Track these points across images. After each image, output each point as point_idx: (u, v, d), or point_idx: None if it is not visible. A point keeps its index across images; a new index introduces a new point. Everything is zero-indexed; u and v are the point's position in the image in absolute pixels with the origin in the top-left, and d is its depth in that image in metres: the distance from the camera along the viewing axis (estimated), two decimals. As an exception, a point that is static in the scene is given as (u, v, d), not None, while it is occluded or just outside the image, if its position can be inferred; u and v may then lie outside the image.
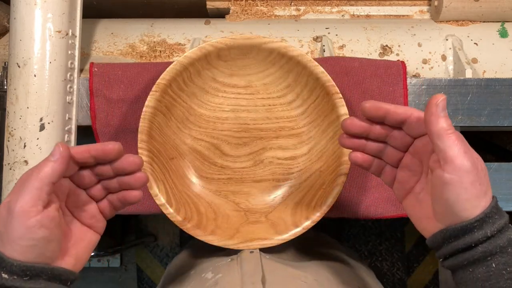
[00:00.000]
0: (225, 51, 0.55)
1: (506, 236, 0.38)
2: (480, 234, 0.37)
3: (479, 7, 0.67)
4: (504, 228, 0.38)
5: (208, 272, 0.55)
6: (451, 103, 0.60)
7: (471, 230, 0.37)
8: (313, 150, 0.59)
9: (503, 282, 0.37)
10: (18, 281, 0.37)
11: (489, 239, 0.37)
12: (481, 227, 0.37)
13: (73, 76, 0.58)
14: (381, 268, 1.26)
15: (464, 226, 0.38)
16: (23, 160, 0.54)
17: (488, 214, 0.38)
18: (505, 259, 0.37)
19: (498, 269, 0.37)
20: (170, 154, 0.58)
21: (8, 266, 0.37)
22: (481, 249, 0.37)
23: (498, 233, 0.38)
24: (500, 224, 0.38)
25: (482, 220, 0.37)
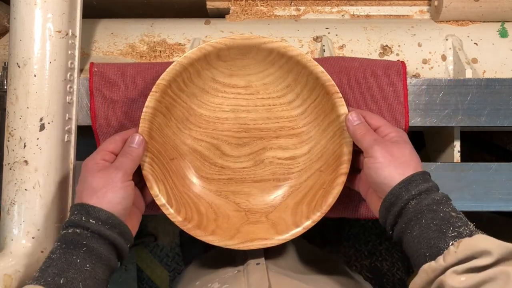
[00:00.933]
0: (225, 51, 0.55)
1: (431, 196, 0.46)
2: (406, 195, 0.46)
3: (479, 7, 0.67)
4: (429, 190, 0.46)
5: (215, 283, 0.56)
6: (451, 103, 0.60)
7: (399, 193, 0.46)
8: (313, 149, 0.59)
9: (431, 233, 0.44)
10: (102, 227, 0.47)
11: (415, 198, 0.46)
12: (407, 189, 0.46)
13: (73, 76, 0.58)
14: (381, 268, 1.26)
15: (393, 190, 0.47)
16: (23, 160, 0.54)
17: (411, 179, 0.47)
18: (432, 215, 0.45)
19: (427, 224, 0.44)
20: (170, 155, 0.58)
21: (97, 212, 0.47)
22: (411, 208, 0.46)
23: (423, 194, 0.46)
24: (423, 186, 0.46)
25: (406, 183, 0.47)
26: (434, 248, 0.43)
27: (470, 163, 0.61)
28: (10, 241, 0.54)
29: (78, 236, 0.46)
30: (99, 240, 0.47)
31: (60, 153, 0.57)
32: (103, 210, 0.48)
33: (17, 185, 0.54)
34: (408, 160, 0.49)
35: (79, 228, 0.47)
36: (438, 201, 0.46)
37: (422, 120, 0.61)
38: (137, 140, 0.53)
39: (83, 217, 0.47)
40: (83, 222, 0.47)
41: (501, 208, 0.61)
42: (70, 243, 0.46)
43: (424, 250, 0.43)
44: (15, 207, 0.54)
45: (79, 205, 0.48)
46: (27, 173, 0.54)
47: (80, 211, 0.48)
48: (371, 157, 0.49)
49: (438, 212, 0.45)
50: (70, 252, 0.45)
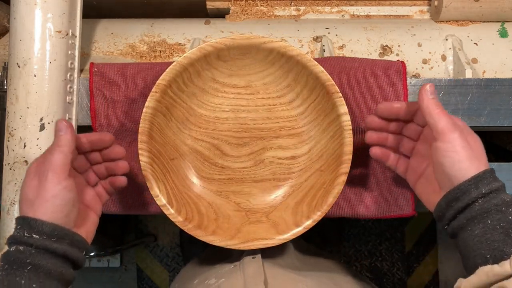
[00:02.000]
0: (225, 51, 0.55)
1: (500, 197, 0.43)
2: (475, 192, 0.43)
3: (479, 7, 0.67)
4: (499, 190, 0.43)
5: (212, 279, 0.56)
6: (451, 103, 0.60)
7: (468, 190, 0.43)
8: (314, 149, 0.59)
9: (497, 235, 0.41)
10: (47, 241, 0.43)
11: (484, 197, 0.43)
12: (477, 187, 0.43)
13: (73, 76, 0.58)
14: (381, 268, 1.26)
15: (461, 186, 0.43)
16: (23, 160, 0.54)
17: (482, 175, 0.43)
18: (499, 216, 0.42)
19: (493, 225, 0.42)
20: (170, 155, 0.58)
21: (40, 226, 0.43)
22: (478, 206, 0.43)
23: (493, 193, 0.43)
24: (494, 185, 0.43)
25: (476, 179, 0.43)
26: (497, 251, 0.40)
27: (470, 163, 0.61)
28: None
29: (21, 254, 0.42)
30: (46, 255, 0.43)
31: (60, 153, 0.56)
32: (46, 222, 0.43)
33: (17, 185, 0.54)
34: (483, 153, 0.45)
35: (22, 245, 0.43)
36: (507, 202, 0.43)
37: (422, 120, 0.61)
38: (62, 125, 0.47)
39: (25, 232, 0.43)
40: (25, 238, 0.43)
41: (501, 208, 0.61)
42: (13, 262, 0.42)
43: (484, 251, 0.41)
44: (15, 207, 0.54)
45: (21, 219, 0.44)
46: (27, 173, 0.54)
47: (22, 225, 0.44)
48: (448, 143, 0.44)
49: (506, 214, 0.42)
50: (13, 273, 0.42)
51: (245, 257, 0.57)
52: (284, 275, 0.55)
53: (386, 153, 0.54)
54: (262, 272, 0.53)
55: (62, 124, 0.47)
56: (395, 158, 0.54)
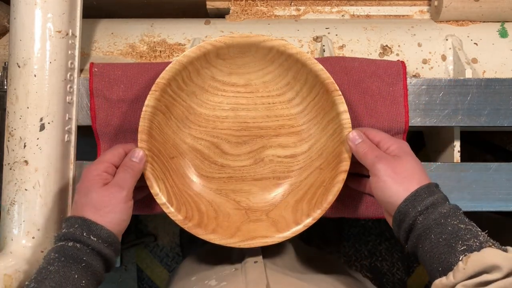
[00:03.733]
0: (224, 49, 0.55)
1: (438, 210, 0.45)
2: (413, 211, 0.46)
3: (479, 7, 0.67)
4: (435, 204, 0.46)
5: (212, 280, 0.56)
6: (451, 103, 0.60)
7: (406, 210, 0.46)
8: (313, 147, 0.59)
9: (441, 248, 0.43)
10: (102, 246, 0.48)
11: (423, 214, 0.46)
12: (413, 206, 0.46)
13: (73, 76, 0.58)
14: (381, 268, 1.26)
15: (399, 208, 0.47)
16: (23, 160, 0.54)
17: (415, 194, 0.46)
18: (440, 229, 0.44)
19: (436, 239, 0.44)
20: (170, 153, 0.58)
21: (99, 231, 0.48)
22: (419, 224, 0.45)
23: (430, 208, 0.46)
24: (429, 201, 0.46)
25: (411, 199, 0.46)
26: (445, 263, 0.43)
27: (470, 163, 0.61)
28: (10, 241, 0.54)
29: (78, 251, 0.46)
30: (97, 257, 0.48)
31: (60, 153, 0.57)
32: (105, 228, 0.48)
33: (17, 185, 0.54)
34: (411, 174, 0.48)
35: (80, 243, 0.47)
36: (445, 214, 0.45)
37: (422, 120, 0.61)
38: (139, 155, 0.53)
39: (84, 233, 0.47)
40: (84, 238, 0.47)
41: (501, 208, 0.61)
42: (70, 257, 0.46)
43: (436, 265, 0.44)
44: (15, 207, 0.54)
45: (80, 219, 0.48)
46: (27, 173, 0.54)
47: (82, 225, 0.48)
48: (374, 175, 0.49)
49: (446, 226, 0.44)
50: (69, 266, 0.46)
51: (247, 261, 0.57)
52: (286, 280, 0.55)
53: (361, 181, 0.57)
54: (264, 278, 0.53)
55: (142, 153, 0.53)
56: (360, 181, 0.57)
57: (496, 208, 0.61)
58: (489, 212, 0.62)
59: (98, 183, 0.50)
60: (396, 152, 0.50)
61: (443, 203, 0.47)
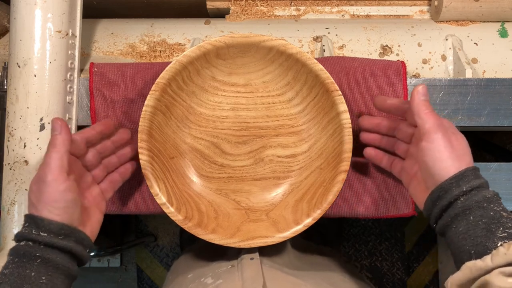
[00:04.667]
0: (224, 49, 0.55)
1: (482, 193, 0.44)
2: (457, 190, 0.44)
3: (479, 7, 0.67)
4: (480, 187, 0.45)
5: (208, 278, 0.55)
6: (451, 103, 0.60)
7: (449, 188, 0.45)
8: (313, 147, 0.59)
9: (479, 231, 0.42)
10: (55, 239, 0.44)
11: (466, 194, 0.44)
12: (458, 185, 0.45)
13: (73, 76, 0.58)
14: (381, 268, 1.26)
15: (443, 184, 0.45)
16: (23, 160, 0.54)
17: (463, 173, 0.45)
18: (481, 212, 0.43)
19: (475, 221, 0.43)
20: (170, 153, 0.58)
21: (47, 225, 0.44)
22: (460, 204, 0.44)
23: (474, 190, 0.44)
24: (475, 183, 0.45)
25: (457, 178, 0.45)
26: (480, 246, 0.42)
27: (470, 163, 0.61)
28: (10, 241, 0.54)
29: (30, 248, 0.44)
30: (54, 250, 0.45)
31: (60, 153, 0.56)
32: (53, 221, 0.45)
33: (17, 185, 0.54)
34: (466, 153, 0.47)
35: (31, 241, 0.44)
36: (489, 199, 0.44)
37: (422, 120, 0.61)
38: (57, 125, 0.46)
39: (33, 230, 0.44)
40: (33, 235, 0.44)
41: (501, 208, 0.61)
42: (23, 256, 0.44)
43: (469, 247, 0.42)
44: (15, 207, 0.54)
45: (28, 217, 0.46)
46: (27, 173, 0.54)
47: (30, 223, 0.45)
48: (431, 143, 0.46)
49: (488, 210, 0.43)
50: (23, 265, 0.43)
51: (244, 258, 0.57)
52: (283, 277, 0.55)
53: (379, 155, 0.56)
54: (260, 275, 0.53)
55: (57, 123, 0.46)
56: (389, 160, 0.55)
57: (496, 208, 0.61)
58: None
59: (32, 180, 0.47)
60: (453, 129, 0.48)
61: (487, 188, 0.46)
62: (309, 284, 0.54)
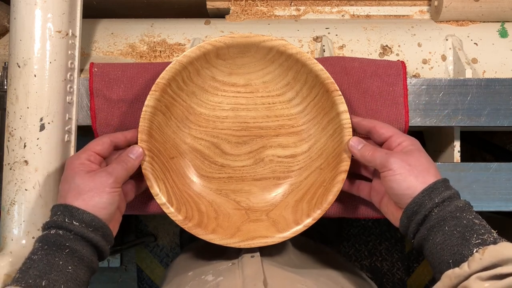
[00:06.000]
0: (224, 49, 0.55)
1: (454, 204, 0.46)
2: (430, 203, 0.46)
3: (479, 7, 0.67)
4: (451, 197, 0.47)
5: (208, 275, 0.55)
6: (451, 103, 0.60)
7: (423, 202, 0.47)
8: (313, 147, 0.59)
9: (455, 240, 0.44)
10: (85, 229, 0.47)
11: (439, 206, 0.46)
12: (430, 198, 0.46)
13: (73, 76, 0.58)
14: (381, 268, 1.26)
15: (415, 199, 0.47)
16: (23, 160, 0.54)
17: (433, 186, 0.47)
18: (455, 222, 0.45)
19: (450, 231, 0.45)
20: (170, 154, 0.58)
21: (81, 215, 0.47)
22: (434, 215, 0.46)
23: (446, 201, 0.46)
24: (447, 194, 0.46)
25: (428, 191, 0.47)
26: (457, 255, 0.43)
27: (470, 163, 0.61)
28: (10, 241, 0.54)
29: (60, 237, 0.46)
30: (82, 242, 0.47)
31: (60, 153, 0.57)
32: (87, 212, 0.47)
33: (17, 185, 0.54)
34: (427, 167, 0.49)
35: (62, 230, 0.46)
36: (461, 208, 0.46)
37: (422, 120, 0.61)
38: (137, 152, 0.53)
39: (66, 219, 0.47)
40: (66, 224, 0.46)
41: (501, 208, 0.61)
42: (53, 244, 0.46)
43: (447, 257, 0.44)
44: (15, 207, 0.54)
45: (63, 206, 0.48)
46: (27, 173, 0.54)
47: (64, 212, 0.47)
48: (389, 170, 0.49)
49: (461, 219, 0.45)
50: (52, 253, 0.45)
51: (244, 256, 0.57)
52: (283, 274, 0.55)
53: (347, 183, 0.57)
54: (261, 272, 0.53)
55: (139, 151, 0.53)
56: (354, 184, 0.57)
57: (496, 208, 0.61)
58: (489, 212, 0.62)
59: (81, 170, 0.49)
60: (408, 148, 0.50)
61: (458, 198, 0.47)
62: (309, 280, 0.54)
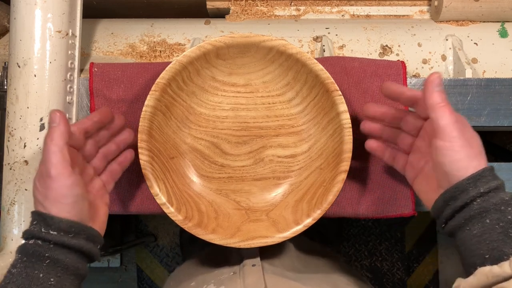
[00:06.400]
0: (224, 49, 0.55)
1: (499, 196, 0.42)
2: (474, 191, 0.42)
3: (479, 7, 0.67)
4: (498, 188, 0.42)
5: (210, 284, 0.55)
6: (451, 103, 0.60)
7: (466, 188, 0.42)
8: (313, 147, 0.59)
9: (495, 235, 0.40)
10: (65, 237, 0.43)
11: (483, 196, 0.42)
12: (475, 185, 0.42)
13: (73, 76, 0.58)
14: (381, 268, 1.26)
15: (459, 184, 0.42)
16: (23, 160, 0.54)
17: (481, 174, 0.42)
18: (498, 215, 0.41)
19: (491, 224, 0.41)
20: (170, 154, 0.58)
21: (57, 223, 0.43)
22: (476, 205, 0.42)
23: (492, 192, 0.42)
24: (493, 184, 0.42)
25: (474, 178, 0.42)
26: (496, 251, 0.40)
27: (470, 163, 0.61)
28: (10, 241, 0.54)
29: (39, 247, 0.43)
30: (63, 250, 0.43)
31: (60, 153, 0.56)
32: (62, 219, 0.43)
33: (17, 185, 0.54)
34: (482, 151, 0.44)
35: (40, 240, 0.43)
36: (507, 201, 0.42)
37: (422, 120, 0.61)
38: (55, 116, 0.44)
39: (42, 228, 0.43)
40: (43, 234, 0.43)
41: (501, 208, 0.61)
42: (31, 255, 0.42)
43: (483, 251, 0.41)
44: (15, 207, 0.54)
45: (37, 214, 0.44)
46: (27, 173, 0.54)
47: (39, 221, 0.44)
48: (448, 142, 0.43)
49: (506, 213, 0.41)
50: (31, 266, 0.42)
51: (245, 265, 0.57)
52: (285, 283, 0.54)
53: (381, 146, 0.54)
54: (262, 282, 0.53)
55: (55, 115, 0.44)
56: (392, 153, 0.53)
57: (496, 208, 0.61)
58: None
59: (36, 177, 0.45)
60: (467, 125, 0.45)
61: (504, 190, 0.43)
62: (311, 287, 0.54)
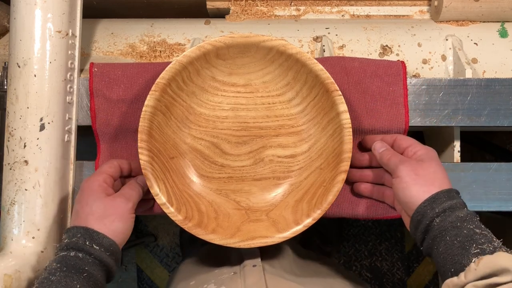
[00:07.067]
0: (224, 49, 0.55)
1: (455, 214, 0.47)
2: (431, 213, 0.48)
3: (479, 7, 0.67)
4: (453, 208, 0.48)
5: (210, 284, 0.56)
6: (451, 103, 0.60)
7: (425, 211, 0.48)
8: (313, 148, 0.59)
9: (455, 250, 0.45)
10: (104, 254, 0.49)
11: (440, 216, 0.47)
12: (431, 207, 0.48)
13: (73, 76, 0.58)
14: (381, 268, 1.26)
15: (418, 209, 0.49)
16: (23, 160, 0.54)
17: (435, 197, 0.48)
18: (456, 232, 0.46)
19: (451, 241, 0.46)
20: (170, 154, 0.58)
21: (101, 239, 0.49)
22: (436, 225, 0.47)
23: (447, 211, 0.48)
24: (447, 204, 0.48)
25: (430, 201, 0.48)
26: (457, 264, 0.44)
27: (470, 163, 0.61)
28: (10, 241, 0.54)
29: (80, 260, 0.47)
30: (99, 266, 0.48)
31: (60, 153, 0.57)
32: (107, 237, 0.49)
33: (17, 185, 0.54)
34: (433, 178, 0.50)
35: (82, 253, 0.48)
36: (462, 218, 0.47)
37: (422, 120, 0.61)
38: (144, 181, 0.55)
39: (87, 242, 0.48)
40: (87, 247, 0.48)
41: (501, 208, 0.61)
42: (72, 267, 0.47)
43: (449, 266, 0.45)
44: (15, 207, 0.54)
45: (83, 229, 0.49)
46: (27, 173, 0.54)
47: (84, 235, 0.49)
48: (397, 177, 0.51)
49: (462, 229, 0.46)
50: (71, 276, 0.46)
51: (246, 265, 0.57)
52: (285, 284, 0.55)
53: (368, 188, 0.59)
54: (263, 282, 0.53)
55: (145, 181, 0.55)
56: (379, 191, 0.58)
57: (496, 208, 0.61)
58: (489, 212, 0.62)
59: (101, 193, 0.51)
60: (421, 157, 0.52)
61: (461, 208, 0.48)
62: None
